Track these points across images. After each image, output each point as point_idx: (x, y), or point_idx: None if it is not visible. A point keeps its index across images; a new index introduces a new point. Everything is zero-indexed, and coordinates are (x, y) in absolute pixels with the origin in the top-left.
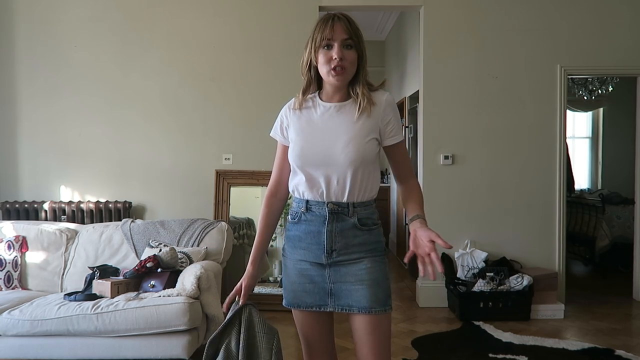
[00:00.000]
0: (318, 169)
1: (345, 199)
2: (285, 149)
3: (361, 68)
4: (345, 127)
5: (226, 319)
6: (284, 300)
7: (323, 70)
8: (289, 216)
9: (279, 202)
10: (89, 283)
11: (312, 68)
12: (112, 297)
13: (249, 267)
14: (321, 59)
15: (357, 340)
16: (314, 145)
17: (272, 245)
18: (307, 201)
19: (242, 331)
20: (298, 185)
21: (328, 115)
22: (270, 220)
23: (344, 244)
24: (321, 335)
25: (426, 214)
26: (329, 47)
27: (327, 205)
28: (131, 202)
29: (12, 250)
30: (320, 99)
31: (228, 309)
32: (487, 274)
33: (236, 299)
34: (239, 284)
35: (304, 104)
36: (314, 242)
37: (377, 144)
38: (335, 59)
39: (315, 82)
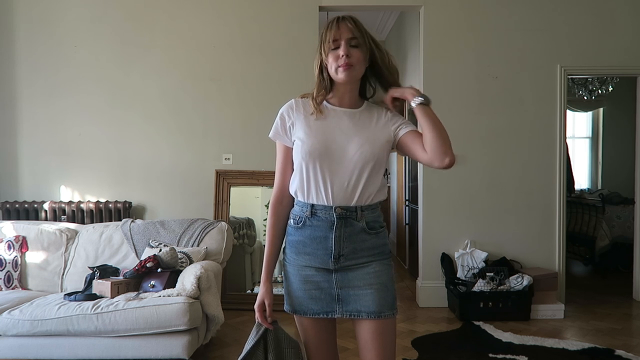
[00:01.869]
0: (327, 169)
1: (354, 203)
2: (288, 150)
3: (378, 66)
4: (360, 128)
5: (253, 341)
6: (286, 306)
7: (332, 69)
8: (291, 220)
9: (286, 209)
10: (89, 283)
11: (324, 70)
12: (112, 297)
13: (265, 284)
14: (330, 59)
15: (364, 346)
16: (326, 142)
17: None
18: (313, 205)
19: (270, 350)
20: (302, 188)
21: (338, 117)
22: (278, 229)
23: (352, 248)
24: (326, 340)
25: (426, 214)
26: (336, 47)
27: (334, 209)
28: (131, 202)
29: (12, 250)
30: (329, 102)
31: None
32: (487, 274)
33: (257, 320)
34: (258, 303)
35: (313, 107)
36: (320, 247)
37: (388, 150)
38: (342, 56)
39: (327, 85)
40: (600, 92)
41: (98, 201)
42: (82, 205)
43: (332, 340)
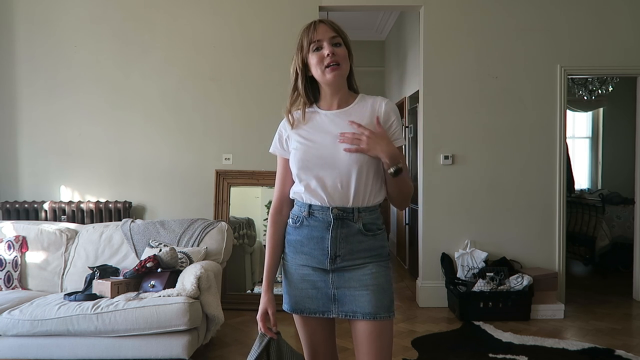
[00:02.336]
0: (320, 173)
1: (350, 204)
2: (287, 162)
3: (352, 69)
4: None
5: (256, 353)
6: (285, 305)
7: (317, 72)
8: (290, 219)
9: (285, 218)
10: (89, 283)
11: (304, 78)
12: (112, 297)
13: (267, 293)
14: (313, 61)
15: (359, 347)
16: (317, 148)
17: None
18: (310, 205)
19: None
20: (300, 192)
21: (329, 120)
22: (278, 238)
23: (348, 249)
24: (324, 340)
25: (426, 214)
26: (319, 48)
27: (331, 210)
28: (131, 202)
29: (12, 250)
30: (319, 107)
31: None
32: (487, 274)
33: (261, 331)
34: (261, 312)
35: (304, 115)
36: (317, 247)
37: None
38: (328, 55)
39: (309, 92)
40: (600, 92)
41: (98, 201)
42: (82, 205)
43: (331, 339)
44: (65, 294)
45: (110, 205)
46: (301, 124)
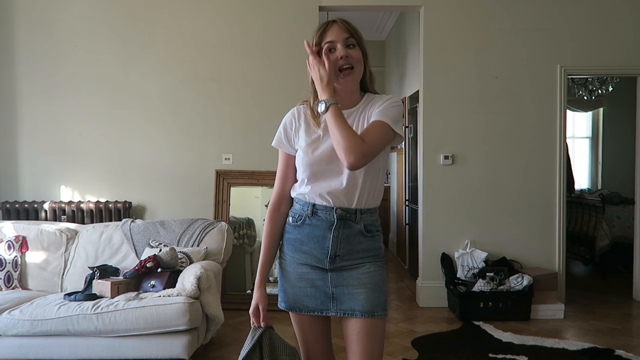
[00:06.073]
0: (328, 175)
1: (354, 205)
2: (290, 158)
3: (367, 69)
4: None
5: (248, 347)
6: (282, 304)
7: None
8: (290, 218)
9: (283, 216)
10: (89, 283)
11: None
12: (112, 297)
13: (259, 289)
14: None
15: (352, 344)
16: (325, 150)
17: None
18: (314, 205)
19: (265, 356)
20: (305, 192)
21: None
22: (275, 235)
23: (348, 250)
24: (321, 338)
25: (426, 214)
26: (332, 50)
27: (335, 211)
28: (131, 202)
29: (12, 250)
30: None
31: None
32: (487, 274)
33: (253, 325)
34: (253, 307)
35: (315, 115)
36: (317, 246)
37: (386, 152)
38: (341, 58)
39: None
40: (600, 92)
41: (98, 201)
42: (82, 205)
43: (327, 337)
44: (65, 294)
45: (110, 205)
46: (311, 123)
